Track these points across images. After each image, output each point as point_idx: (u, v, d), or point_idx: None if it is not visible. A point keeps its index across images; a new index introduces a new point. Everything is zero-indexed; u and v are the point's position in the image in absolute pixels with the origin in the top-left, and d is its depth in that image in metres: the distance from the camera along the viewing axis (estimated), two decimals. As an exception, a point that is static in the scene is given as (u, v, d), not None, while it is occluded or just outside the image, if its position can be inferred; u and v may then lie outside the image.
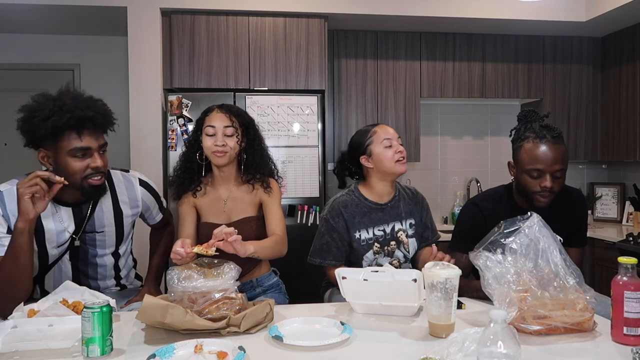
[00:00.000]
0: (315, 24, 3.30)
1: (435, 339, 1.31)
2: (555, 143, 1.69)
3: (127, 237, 1.87)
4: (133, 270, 1.97)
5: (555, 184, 1.70)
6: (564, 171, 1.72)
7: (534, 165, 1.69)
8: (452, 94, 3.78)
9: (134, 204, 1.82)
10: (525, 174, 1.73)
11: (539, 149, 1.69)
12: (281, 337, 1.29)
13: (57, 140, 1.55)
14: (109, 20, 3.41)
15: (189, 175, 1.86)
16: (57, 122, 1.52)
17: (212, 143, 1.78)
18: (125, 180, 1.82)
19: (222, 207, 1.85)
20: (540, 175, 1.69)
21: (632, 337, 1.25)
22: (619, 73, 3.74)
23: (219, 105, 1.86)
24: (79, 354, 1.22)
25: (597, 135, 3.94)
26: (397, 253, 1.99)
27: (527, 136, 1.73)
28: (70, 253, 1.73)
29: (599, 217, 4.05)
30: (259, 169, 1.86)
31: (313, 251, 1.98)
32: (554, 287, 1.36)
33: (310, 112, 3.18)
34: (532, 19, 3.49)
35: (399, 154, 1.94)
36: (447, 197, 4.13)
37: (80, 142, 1.56)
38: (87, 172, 1.59)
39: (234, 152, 1.81)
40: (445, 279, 1.31)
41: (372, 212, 1.98)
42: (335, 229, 1.93)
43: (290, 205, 3.13)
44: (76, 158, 1.57)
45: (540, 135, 1.70)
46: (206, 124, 1.81)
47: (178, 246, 1.51)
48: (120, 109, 3.73)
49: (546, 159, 1.68)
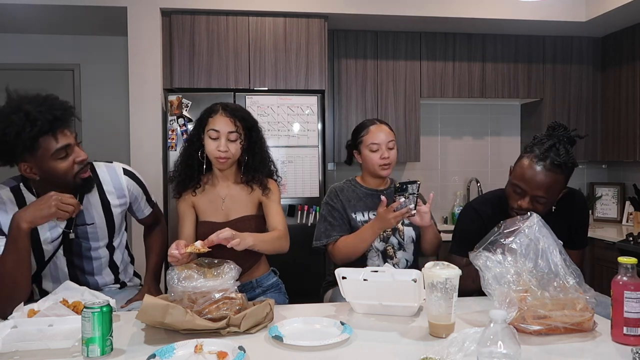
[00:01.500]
0: (315, 24, 3.30)
1: (435, 339, 1.31)
2: (549, 170, 1.63)
3: (120, 229, 1.87)
4: (131, 266, 1.97)
5: (535, 207, 1.65)
6: (550, 200, 1.67)
7: (519, 181, 1.67)
8: (452, 94, 3.78)
9: (121, 194, 1.82)
10: (510, 185, 1.72)
11: (531, 168, 1.64)
12: (281, 337, 1.29)
13: (35, 149, 1.54)
14: (109, 20, 3.41)
15: (190, 173, 1.85)
16: (31, 133, 1.50)
17: (214, 147, 1.76)
18: (110, 171, 1.82)
19: (221, 206, 1.84)
20: (522, 194, 1.67)
21: (632, 337, 1.25)
22: (619, 73, 3.74)
23: (223, 106, 1.82)
24: (79, 354, 1.22)
25: (597, 135, 3.94)
26: (392, 239, 2.02)
27: (532, 150, 1.68)
28: (64, 248, 1.73)
29: (599, 217, 4.05)
30: (258, 171, 1.85)
31: (317, 235, 2.04)
32: (554, 287, 1.36)
33: (310, 112, 3.18)
34: (532, 19, 3.49)
35: (383, 160, 2.01)
36: (447, 197, 4.13)
37: (58, 143, 1.56)
38: (75, 169, 1.61)
39: (235, 157, 1.80)
40: (445, 279, 1.31)
41: (368, 198, 2.06)
42: (336, 209, 2.02)
43: (290, 205, 3.13)
44: (60, 160, 1.58)
45: (541, 157, 1.64)
46: (210, 127, 1.78)
47: (173, 249, 1.52)
48: (120, 109, 3.77)
49: (531, 181, 1.64)
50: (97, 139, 3.76)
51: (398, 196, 1.82)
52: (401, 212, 1.79)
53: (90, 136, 3.76)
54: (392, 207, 1.80)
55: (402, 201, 1.80)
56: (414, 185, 1.82)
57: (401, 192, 1.82)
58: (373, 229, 1.88)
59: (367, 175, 2.10)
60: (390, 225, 1.84)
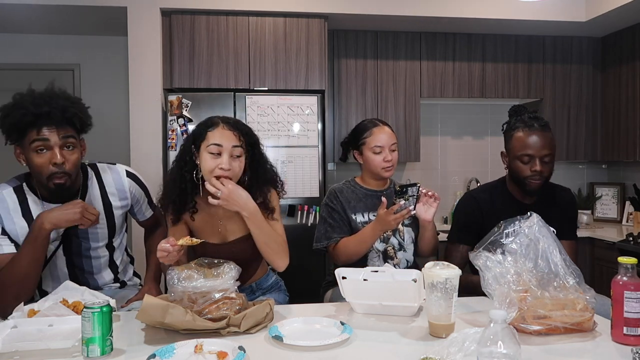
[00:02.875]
0: (315, 24, 3.30)
1: (435, 339, 1.31)
2: (543, 131, 1.84)
3: (120, 230, 1.88)
4: (130, 266, 1.97)
5: (545, 168, 1.83)
6: (552, 156, 1.85)
7: (525, 151, 1.83)
8: (452, 94, 3.78)
9: (123, 195, 1.83)
10: (517, 160, 1.86)
11: (528, 136, 1.84)
12: (281, 337, 1.29)
13: (23, 137, 1.59)
14: (109, 20, 3.41)
15: (183, 198, 1.66)
16: (15, 120, 1.56)
17: (214, 165, 1.57)
18: (112, 172, 1.83)
19: (218, 227, 1.71)
20: (531, 160, 1.83)
21: (632, 337, 1.25)
22: (619, 73, 3.74)
23: (224, 120, 1.64)
24: (79, 354, 1.22)
25: (597, 135, 3.94)
26: (392, 240, 2.03)
27: (517, 126, 1.88)
28: (64, 247, 1.74)
29: (599, 217, 4.05)
30: (261, 189, 1.69)
31: (318, 237, 2.04)
32: (554, 287, 1.36)
33: (310, 112, 3.18)
34: (532, 19, 3.49)
35: (387, 163, 2.01)
36: (447, 197, 4.12)
37: (38, 135, 1.58)
38: (50, 170, 1.60)
39: (237, 178, 1.63)
40: (445, 279, 1.31)
41: (367, 198, 2.05)
42: (336, 210, 2.02)
43: (290, 205, 3.13)
44: (37, 153, 1.59)
45: (529, 124, 1.85)
46: (210, 142, 1.58)
47: (163, 242, 1.48)
48: (120, 109, 3.77)
49: (535, 145, 1.82)
50: (97, 138, 3.72)
51: (398, 199, 1.82)
52: (401, 214, 1.79)
53: (90, 136, 3.71)
54: (392, 209, 1.80)
55: (402, 204, 1.80)
56: (414, 188, 1.81)
57: (401, 195, 1.82)
58: (374, 230, 1.88)
59: (368, 176, 2.09)
60: (390, 227, 1.84)
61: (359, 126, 2.12)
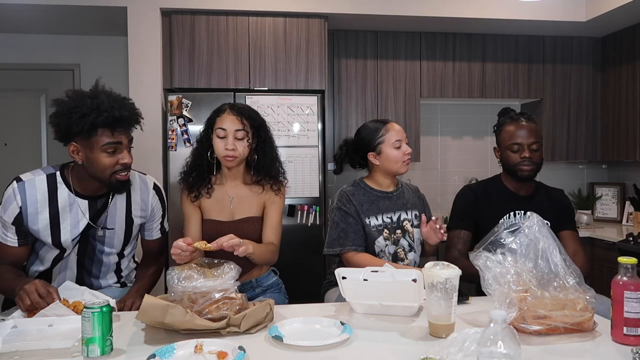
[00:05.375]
0: (315, 24, 3.30)
1: (435, 339, 1.31)
2: (528, 122, 2.04)
3: (133, 240, 1.90)
4: (134, 271, 1.99)
5: (534, 155, 2.00)
6: (540, 145, 2.03)
7: (514, 140, 2.02)
8: (452, 94, 3.78)
9: (145, 207, 1.85)
10: (507, 150, 2.04)
11: (516, 128, 2.03)
12: (281, 337, 1.29)
13: (90, 136, 1.61)
14: (109, 20, 3.41)
15: (200, 173, 1.86)
16: (95, 120, 1.58)
17: (222, 146, 1.78)
18: (142, 182, 1.87)
19: (228, 205, 1.85)
20: (520, 148, 2.01)
21: (632, 337, 1.25)
22: (619, 73, 3.74)
23: (231, 105, 1.85)
24: (79, 354, 1.22)
25: (597, 135, 3.94)
26: (402, 242, 2.02)
27: (506, 121, 2.08)
28: (79, 248, 1.76)
29: (599, 217, 4.05)
30: (270, 171, 1.87)
31: (330, 242, 1.98)
32: (554, 287, 1.36)
33: (310, 112, 3.18)
34: (532, 19, 3.49)
35: (407, 156, 2.03)
36: (447, 197, 4.12)
37: (113, 138, 1.63)
38: (116, 168, 1.66)
39: (243, 156, 1.81)
40: (445, 279, 1.31)
41: (379, 200, 2.03)
42: (349, 214, 1.97)
43: (290, 205, 3.13)
44: (107, 154, 1.64)
45: (516, 118, 2.07)
46: (217, 126, 1.80)
47: (179, 241, 1.52)
48: (120, 109, 3.77)
49: (522, 135, 2.01)
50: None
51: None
52: None
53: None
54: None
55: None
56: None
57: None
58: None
59: (381, 176, 2.05)
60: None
61: (368, 128, 2.07)
